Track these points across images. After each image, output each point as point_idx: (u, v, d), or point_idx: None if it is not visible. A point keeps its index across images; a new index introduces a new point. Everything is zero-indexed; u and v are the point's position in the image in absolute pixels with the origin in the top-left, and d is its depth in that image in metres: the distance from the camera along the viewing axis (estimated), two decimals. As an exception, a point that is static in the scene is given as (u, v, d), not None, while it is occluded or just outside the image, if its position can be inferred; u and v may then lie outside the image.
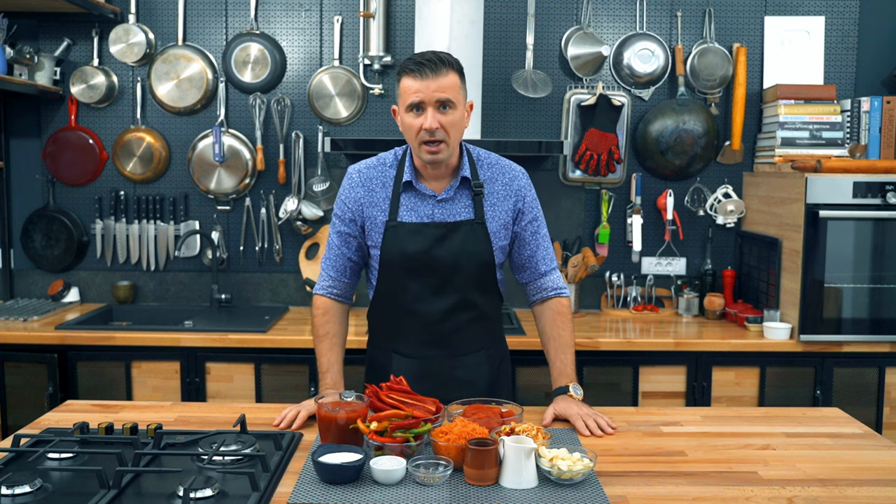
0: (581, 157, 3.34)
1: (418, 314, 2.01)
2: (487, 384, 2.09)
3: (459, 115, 1.90)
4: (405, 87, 1.88)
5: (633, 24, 3.44)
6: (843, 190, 2.88)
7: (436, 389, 1.96)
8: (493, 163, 2.04)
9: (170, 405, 2.10)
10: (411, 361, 2.05)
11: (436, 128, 1.86)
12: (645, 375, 2.95)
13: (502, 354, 2.18)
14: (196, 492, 1.44)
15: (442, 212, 1.98)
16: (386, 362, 2.09)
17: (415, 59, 1.87)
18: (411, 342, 2.05)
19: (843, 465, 1.70)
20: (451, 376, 2.04)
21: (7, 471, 1.56)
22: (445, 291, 1.99)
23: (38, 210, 3.47)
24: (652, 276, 3.47)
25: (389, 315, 2.06)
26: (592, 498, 1.50)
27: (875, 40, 3.45)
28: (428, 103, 1.85)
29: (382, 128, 3.45)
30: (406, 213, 1.98)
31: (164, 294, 3.53)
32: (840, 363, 2.96)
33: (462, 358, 2.06)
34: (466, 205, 1.99)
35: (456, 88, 1.88)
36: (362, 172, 2.03)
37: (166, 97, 3.40)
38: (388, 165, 2.03)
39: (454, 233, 1.97)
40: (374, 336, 2.16)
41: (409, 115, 1.89)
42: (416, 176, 2.00)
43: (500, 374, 2.15)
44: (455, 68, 1.89)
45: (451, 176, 2.00)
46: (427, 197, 1.99)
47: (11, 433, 1.94)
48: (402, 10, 3.39)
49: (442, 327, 2.01)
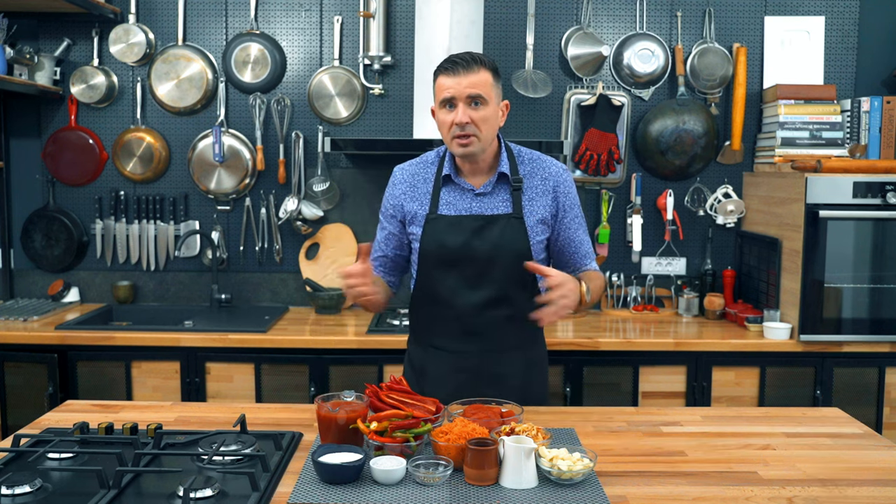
0: (581, 157, 3.34)
1: (455, 307, 2.03)
2: (521, 384, 2.08)
3: (492, 112, 1.95)
4: (439, 85, 1.94)
5: (633, 24, 3.44)
6: (843, 190, 2.88)
7: (470, 385, 2.00)
8: (533, 159, 2.09)
9: (170, 405, 2.10)
10: (447, 355, 2.06)
11: (466, 122, 1.90)
12: (645, 375, 2.95)
13: (540, 357, 2.17)
14: (196, 492, 1.44)
15: (480, 205, 2.02)
16: (423, 357, 2.11)
17: (449, 59, 1.94)
18: (447, 336, 2.06)
19: (843, 465, 1.70)
20: (485, 373, 2.05)
21: (7, 471, 1.56)
22: (482, 285, 2.01)
23: (38, 210, 3.48)
24: (652, 276, 3.47)
25: (428, 308, 2.09)
26: (592, 498, 1.50)
27: (875, 40, 3.45)
28: (459, 99, 1.91)
29: (382, 128, 3.45)
30: (445, 207, 2.03)
31: (164, 294, 3.53)
32: (840, 363, 2.96)
33: (497, 355, 2.06)
34: (505, 199, 2.03)
35: (488, 86, 1.93)
36: (405, 170, 2.11)
37: (166, 97, 3.40)
38: (429, 163, 2.10)
39: (492, 225, 2.00)
40: (414, 331, 2.18)
41: (442, 112, 1.95)
42: (455, 171, 2.04)
43: (537, 375, 2.15)
44: (488, 67, 1.94)
45: (490, 171, 2.04)
46: (466, 191, 2.03)
47: (11, 433, 1.94)
48: (402, 10, 3.39)
49: (477, 321, 2.03)
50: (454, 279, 2.02)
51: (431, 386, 2.06)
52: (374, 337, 2.91)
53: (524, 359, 2.10)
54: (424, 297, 2.08)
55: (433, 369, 2.07)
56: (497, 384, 2.04)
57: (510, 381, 2.06)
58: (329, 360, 2.93)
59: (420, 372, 2.11)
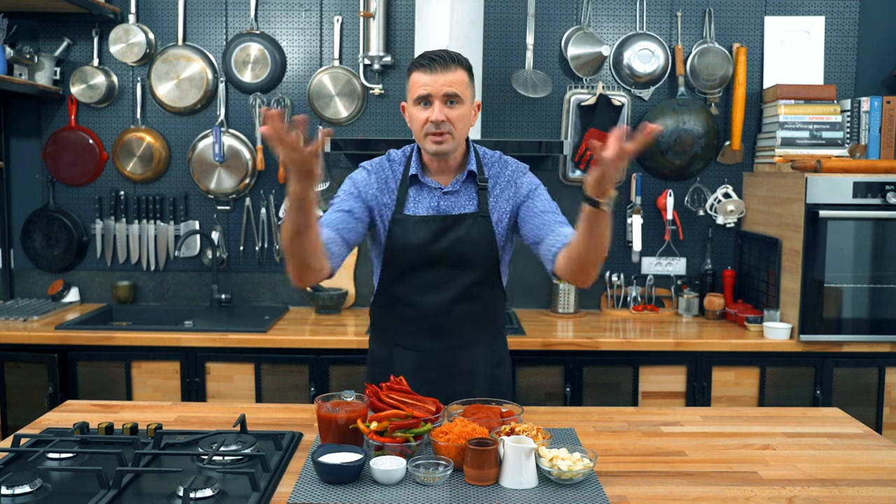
0: (581, 157, 3.35)
1: (421, 306, 2.02)
2: (489, 378, 2.09)
3: (466, 111, 1.95)
4: (414, 82, 1.93)
5: (633, 24, 3.44)
6: (843, 190, 2.88)
7: (437, 382, 1.99)
8: (496, 160, 2.08)
9: (170, 405, 2.10)
10: (413, 354, 2.06)
11: (442, 120, 1.90)
12: (645, 375, 2.95)
13: (503, 351, 2.19)
14: (196, 492, 1.44)
15: (447, 204, 2.02)
16: (388, 356, 2.10)
17: (425, 55, 1.93)
18: (413, 335, 2.06)
19: (843, 465, 1.70)
20: (453, 369, 2.05)
21: (7, 471, 1.56)
22: (448, 283, 2.01)
23: (38, 210, 3.47)
24: (652, 276, 3.47)
25: (393, 308, 2.08)
26: (592, 498, 1.50)
27: (875, 40, 3.45)
28: (435, 97, 1.90)
29: (382, 128, 3.45)
30: (412, 206, 2.02)
31: (164, 294, 3.53)
32: (840, 363, 2.96)
33: (463, 350, 2.06)
34: (471, 198, 2.03)
35: (464, 84, 1.93)
36: (374, 164, 2.08)
37: (166, 97, 3.40)
38: (396, 162, 2.08)
39: (458, 225, 1.99)
40: (377, 331, 2.17)
41: (416, 109, 1.94)
42: (422, 170, 2.04)
43: (502, 369, 2.16)
44: (464, 66, 1.94)
45: (458, 171, 2.04)
46: (433, 189, 2.02)
47: (11, 433, 1.94)
48: (402, 10, 3.39)
49: (444, 319, 2.03)
50: (421, 278, 2.01)
51: None
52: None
53: (489, 353, 2.11)
54: (390, 296, 2.07)
55: (399, 368, 2.04)
56: (465, 380, 2.04)
57: (478, 376, 2.07)
58: (329, 360, 2.93)
59: (385, 371, 2.05)
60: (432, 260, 2.00)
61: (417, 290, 2.02)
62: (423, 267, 2.01)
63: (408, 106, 1.98)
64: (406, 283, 2.03)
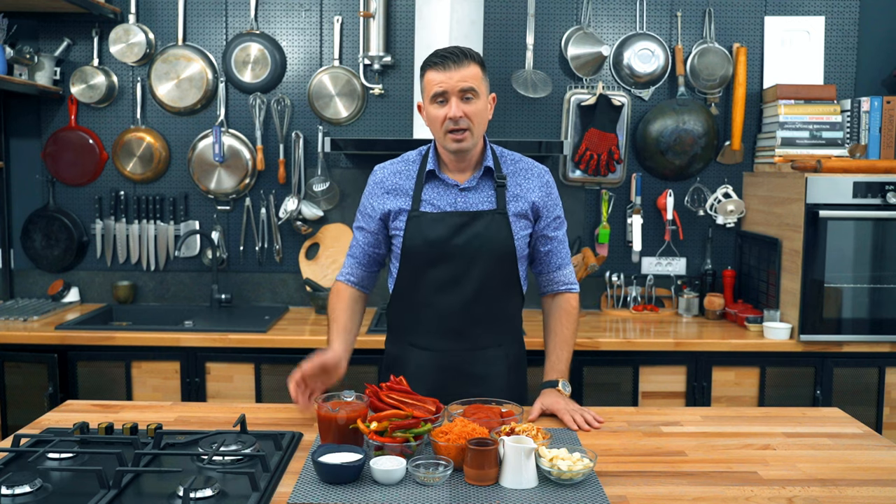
0: (581, 157, 3.35)
1: (437, 305, 2.02)
2: (503, 382, 2.09)
3: (482, 105, 1.96)
4: (429, 80, 1.94)
5: (633, 24, 3.44)
6: (843, 190, 2.88)
7: (451, 383, 1.99)
8: (516, 159, 2.09)
9: (170, 405, 2.10)
10: (428, 354, 2.06)
11: (460, 116, 1.91)
12: (645, 375, 2.95)
13: (519, 355, 2.18)
14: (196, 492, 1.44)
15: (464, 201, 2.02)
16: (403, 356, 2.10)
17: (437, 53, 1.94)
18: (429, 334, 2.05)
19: (843, 465, 1.70)
20: (467, 371, 2.05)
21: (7, 471, 1.56)
22: (465, 282, 2.01)
23: (38, 210, 3.48)
24: (652, 276, 3.47)
25: (409, 307, 2.08)
26: (592, 498, 1.50)
27: (875, 40, 3.45)
28: (451, 93, 1.91)
29: (382, 128, 3.45)
30: (429, 203, 2.02)
31: (164, 294, 3.53)
32: (840, 363, 2.96)
33: (478, 353, 2.06)
34: (489, 195, 2.03)
35: (478, 79, 1.94)
36: (386, 168, 2.11)
37: (166, 97, 3.40)
38: (411, 161, 2.10)
39: (476, 221, 1.99)
40: (393, 331, 2.17)
41: (433, 107, 1.94)
42: (439, 167, 2.04)
43: (517, 373, 2.15)
44: (476, 60, 1.95)
45: (475, 167, 2.05)
46: (450, 186, 2.03)
47: (11, 433, 1.94)
48: (402, 10, 3.39)
49: (460, 319, 2.02)
50: (437, 276, 2.01)
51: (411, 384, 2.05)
52: (374, 337, 2.91)
53: (505, 357, 2.10)
54: (406, 295, 2.07)
55: (413, 368, 2.05)
56: (479, 383, 2.03)
57: (492, 380, 2.06)
58: (329, 360, 2.92)
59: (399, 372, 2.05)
60: (448, 257, 2.00)
61: (434, 288, 2.02)
62: (439, 264, 2.00)
63: (424, 106, 1.98)
64: (423, 282, 2.03)
